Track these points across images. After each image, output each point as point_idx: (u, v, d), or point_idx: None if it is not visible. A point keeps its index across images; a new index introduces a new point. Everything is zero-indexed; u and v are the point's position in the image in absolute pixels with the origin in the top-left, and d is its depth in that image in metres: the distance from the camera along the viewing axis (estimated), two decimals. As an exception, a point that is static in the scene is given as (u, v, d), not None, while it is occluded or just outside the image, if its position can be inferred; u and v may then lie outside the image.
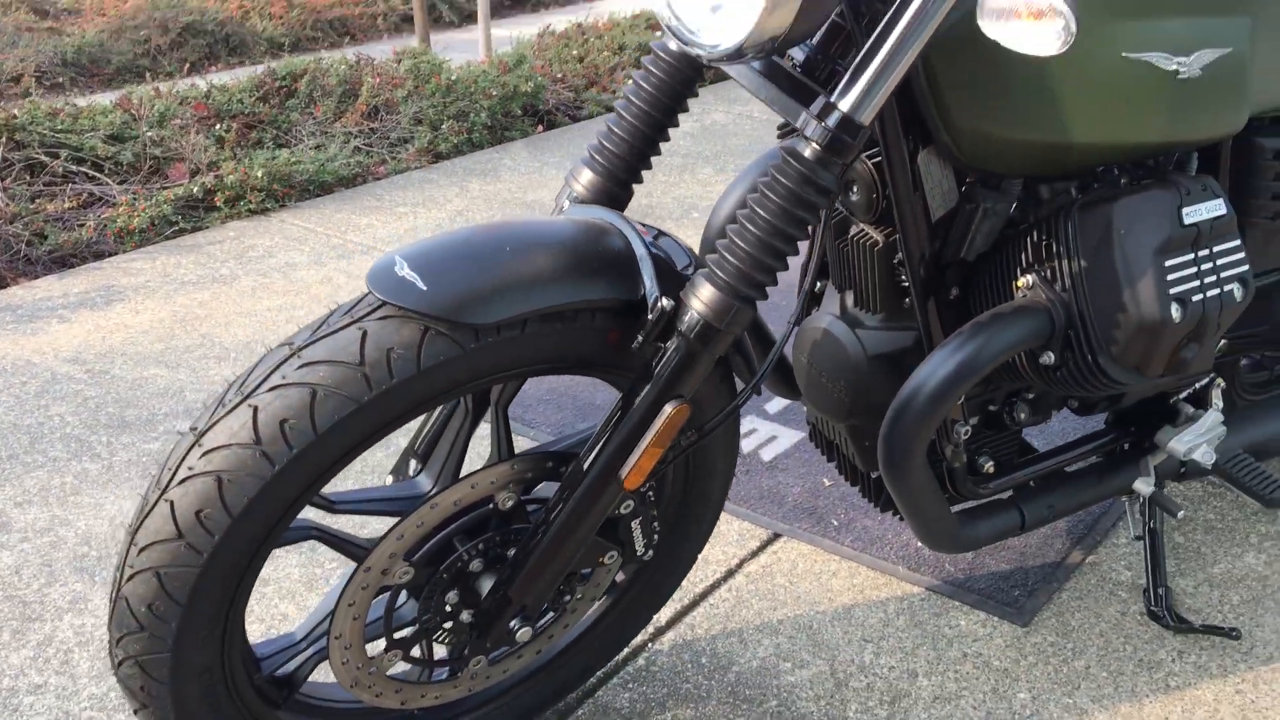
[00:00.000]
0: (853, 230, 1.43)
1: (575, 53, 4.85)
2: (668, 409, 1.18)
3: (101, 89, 5.02)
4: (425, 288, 1.09)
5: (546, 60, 4.74)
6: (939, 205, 1.35)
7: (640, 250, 1.19)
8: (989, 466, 1.58)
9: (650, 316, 1.17)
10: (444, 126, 4.00)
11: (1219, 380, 1.67)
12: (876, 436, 1.52)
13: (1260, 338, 1.77)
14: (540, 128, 4.33)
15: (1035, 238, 1.36)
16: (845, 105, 1.11)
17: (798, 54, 1.29)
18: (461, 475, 1.26)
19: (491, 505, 1.26)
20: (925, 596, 1.80)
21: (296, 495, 1.10)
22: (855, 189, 1.37)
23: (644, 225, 1.24)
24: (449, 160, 3.95)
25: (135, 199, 3.30)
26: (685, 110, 1.34)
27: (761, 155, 1.57)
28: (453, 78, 4.17)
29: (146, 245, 3.20)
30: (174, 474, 1.09)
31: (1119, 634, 1.72)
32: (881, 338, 1.48)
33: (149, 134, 3.54)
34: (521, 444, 1.35)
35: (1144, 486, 1.62)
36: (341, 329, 1.10)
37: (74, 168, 3.42)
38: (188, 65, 5.28)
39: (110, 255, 3.14)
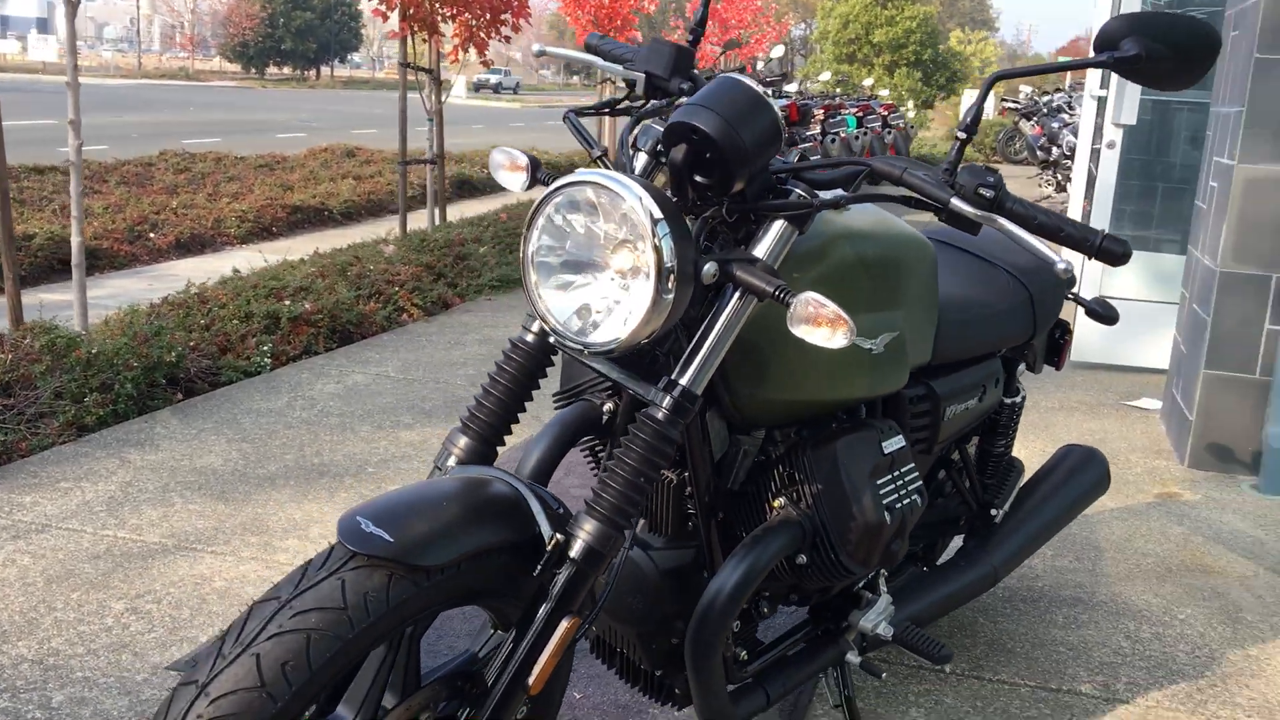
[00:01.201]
0: (650, 473, 1.83)
1: (202, 321, 4.97)
2: (564, 623, 1.49)
3: None
4: (391, 539, 1.34)
5: (172, 329, 4.81)
6: (718, 450, 1.80)
7: (530, 497, 1.51)
8: (744, 654, 1.98)
9: (549, 548, 1.48)
10: (88, 399, 3.97)
11: (883, 570, 2.21)
12: (664, 639, 1.88)
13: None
14: (180, 395, 4.38)
15: (781, 469, 1.84)
16: (684, 381, 1.53)
17: None
18: (387, 705, 1.47)
19: (415, 729, 1.47)
20: (690, 777, 2.14)
21: None
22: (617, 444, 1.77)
23: (524, 479, 1.56)
24: (97, 433, 3.91)
25: None
26: (538, 388, 1.70)
27: (555, 416, 1.93)
28: (93, 350, 4.16)
29: None
30: None
31: (842, 783, 2.15)
32: (669, 556, 1.86)
33: None
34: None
35: (854, 657, 2.09)
36: (323, 580, 1.32)
37: None
38: None
39: None
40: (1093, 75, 6.87)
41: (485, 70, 7.30)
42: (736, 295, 1.55)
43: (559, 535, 1.49)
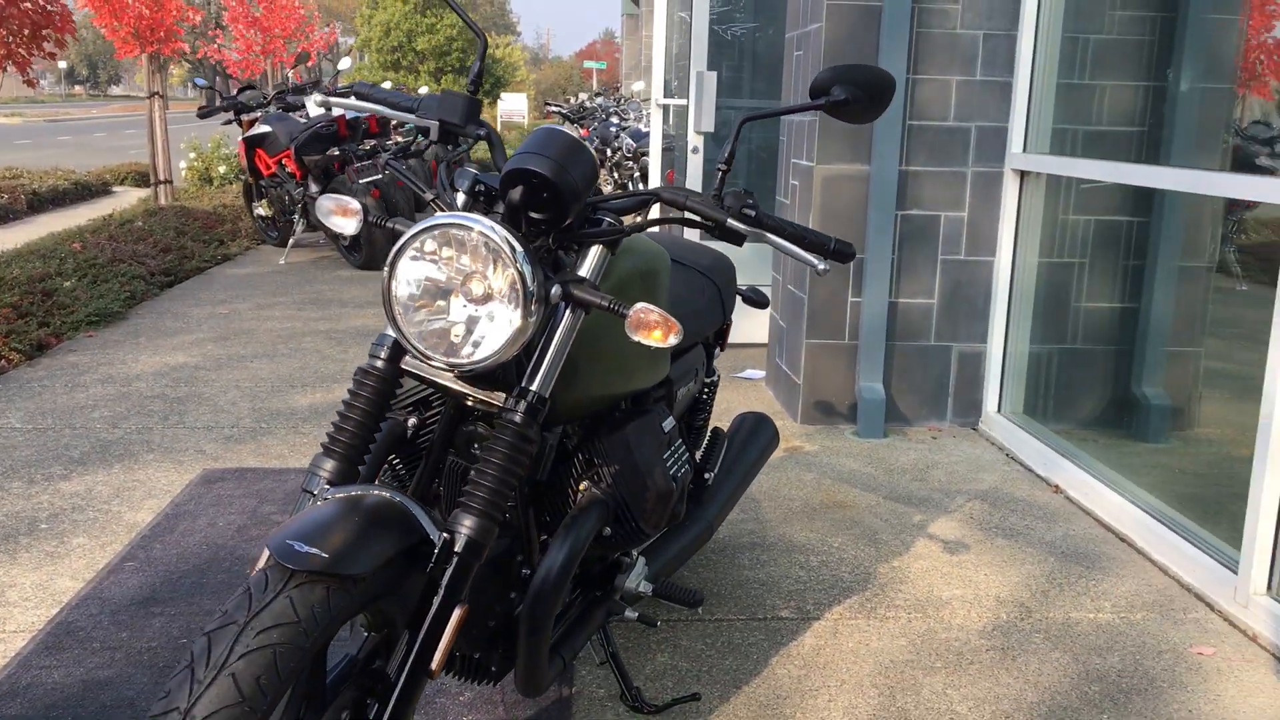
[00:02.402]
0: (472, 473, 2.03)
1: None
2: (457, 611, 1.68)
3: None
4: (325, 554, 1.48)
5: None
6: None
7: (411, 506, 1.69)
8: None
9: (438, 549, 1.67)
10: None
11: (634, 538, 2.54)
12: (483, 624, 2.10)
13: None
14: None
15: (581, 457, 2.11)
16: (534, 387, 1.77)
17: None
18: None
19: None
20: (497, 748, 2.36)
21: None
22: (476, 445, 1.99)
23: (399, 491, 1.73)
24: None
25: None
26: (390, 409, 1.85)
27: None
28: None
29: None
30: None
31: (627, 725, 2.47)
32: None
33: None
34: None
35: (632, 614, 2.41)
36: (273, 600, 1.44)
37: None
38: None
39: None
40: (657, 85, 7.61)
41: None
42: (569, 311, 1.81)
43: (445, 534, 1.68)
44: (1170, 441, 4.51)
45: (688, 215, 1.90)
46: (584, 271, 1.84)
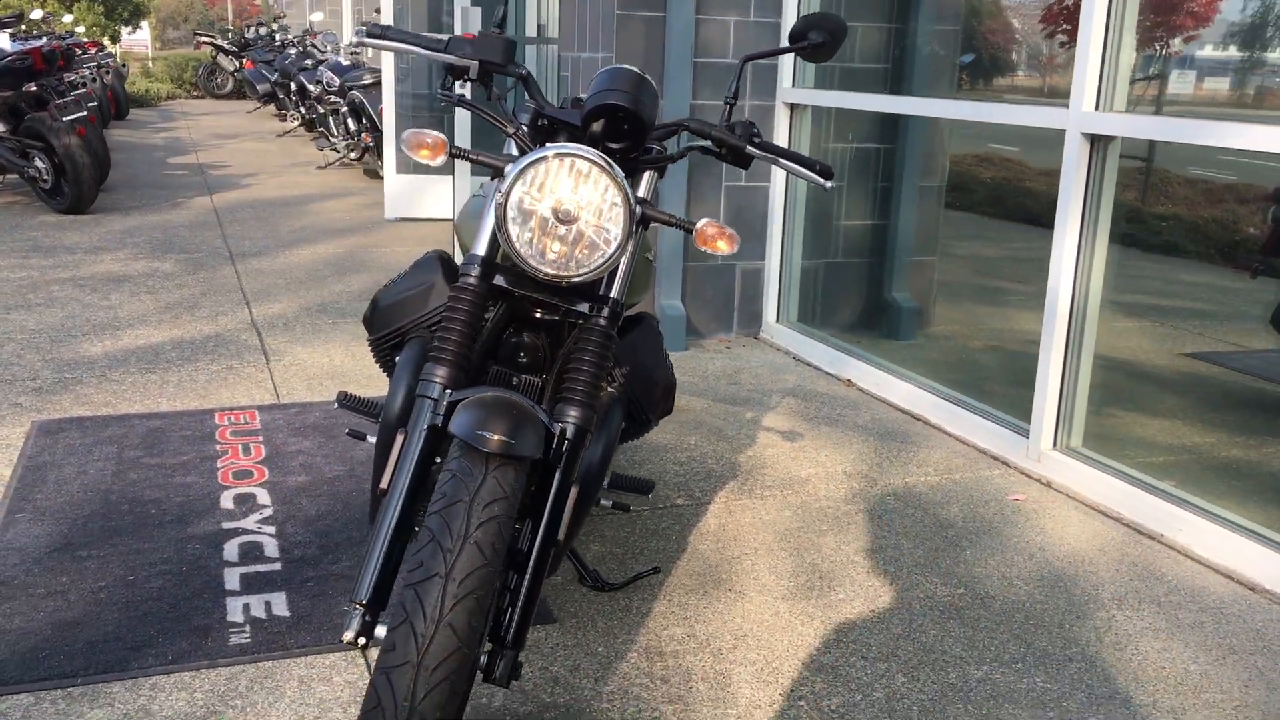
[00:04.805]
0: (514, 381, 2.24)
1: None
2: (574, 490, 1.93)
3: None
4: (511, 440, 1.70)
5: None
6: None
7: (529, 402, 1.90)
8: None
9: (557, 437, 1.90)
10: None
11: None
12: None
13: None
14: None
15: (596, 360, 2.37)
16: (614, 294, 2.02)
17: None
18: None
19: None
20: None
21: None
22: (524, 354, 2.20)
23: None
24: None
25: None
26: (485, 321, 2.03)
27: (404, 358, 2.22)
28: None
29: None
30: (440, 606, 1.52)
31: (600, 603, 2.75)
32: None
33: None
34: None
35: (607, 502, 2.69)
36: (484, 480, 1.64)
37: None
38: None
39: None
40: (387, 19, 7.63)
41: None
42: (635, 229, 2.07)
43: (560, 425, 1.92)
44: (917, 339, 5.26)
45: (706, 143, 2.18)
46: (641, 194, 2.10)
